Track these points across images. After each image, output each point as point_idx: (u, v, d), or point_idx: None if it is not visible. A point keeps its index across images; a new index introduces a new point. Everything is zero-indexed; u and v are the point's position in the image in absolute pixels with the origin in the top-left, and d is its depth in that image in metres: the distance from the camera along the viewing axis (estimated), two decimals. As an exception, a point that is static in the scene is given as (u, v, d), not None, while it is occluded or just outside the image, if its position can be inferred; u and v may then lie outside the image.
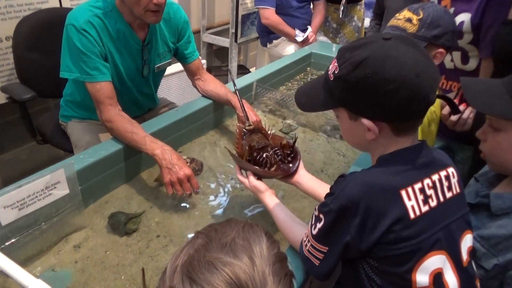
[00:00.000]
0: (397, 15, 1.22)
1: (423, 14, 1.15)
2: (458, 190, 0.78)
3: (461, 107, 1.21)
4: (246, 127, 1.14)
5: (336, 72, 0.74)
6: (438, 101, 1.22)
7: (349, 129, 0.79)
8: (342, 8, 2.75)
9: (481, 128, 0.94)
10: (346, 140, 0.84)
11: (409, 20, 1.17)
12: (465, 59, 1.46)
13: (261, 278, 0.50)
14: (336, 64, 0.75)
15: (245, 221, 0.59)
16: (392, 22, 1.21)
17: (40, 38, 1.74)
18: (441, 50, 1.18)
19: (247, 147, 1.09)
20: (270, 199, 1.00)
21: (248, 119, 1.13)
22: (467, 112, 1.22)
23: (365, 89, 0.70)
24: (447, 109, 1.26)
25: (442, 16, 1.15)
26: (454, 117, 1.24)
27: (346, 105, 0.75)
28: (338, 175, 0.78)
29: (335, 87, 0.75)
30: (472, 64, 1.45)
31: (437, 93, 0.73)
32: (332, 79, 0.75)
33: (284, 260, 0.55)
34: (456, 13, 1.41)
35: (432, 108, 1.22)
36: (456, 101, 1.22)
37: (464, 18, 1.38)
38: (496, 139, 0.89)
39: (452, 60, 1.49)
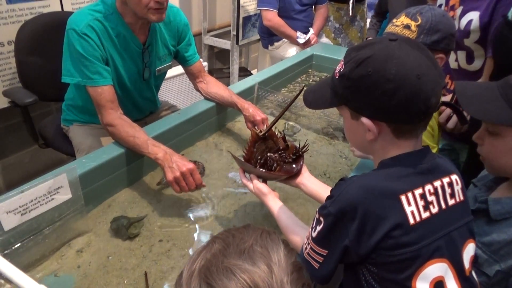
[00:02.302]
0: (394, 20, 1.19)
1: (421, 20, 1.12)
2: (461, 198, 0.77)
3: None
4: (261, 134, 1.12)
5: (341, 70, 0.75)
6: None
7: (351, 128, 0.79)
8: (351, 5, 2.76)
9: (477, 132, 0.92)
10: (349, 141, 0.84)
11: (407, 27, 1.13)
12: (469, 59, 1.44)
13: (279, 287, 0.49)
14: (342, 63, 0.75)
15: (263, 227, 0.59)
16: (390, 28, 1.18)
17: (42, 42, 1.75)
18: (441, 55, 1.16)
19: (257, 154, 1.08)
20: (273, 202, 1.00)
21: (268, 130, 1.11)
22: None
23: (365, 87, 0.70)
24: (443, 117, 1.24)
25: (441, 20, 1.12)
26: (450, 124, 1.22)
27: (348, 103, 0.76)
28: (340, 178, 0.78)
29: (339, 85, 0.75)
30: (476, 64, 1.43)
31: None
32: (337, 77, 0.76)
33: (301, 269, 0.54)
34: (464, 12, 1.39)
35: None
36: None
37: (472, 16, 1.36)
38: (493, 143, 0.87)
39: (456, 60, 1.47)
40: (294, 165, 1.06)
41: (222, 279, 0.49)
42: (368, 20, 3.00)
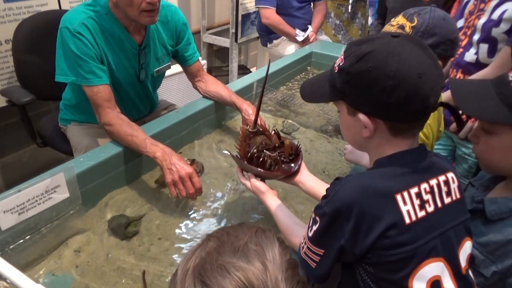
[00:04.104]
0: (392, 20, 1.15)
1: (417, 21, 1.07)
2: (458, 196, 0.76)
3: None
4: (250, 129, 1.13)
5: (340, 64, 0.74)
6: (434, 114, 1.16)
7: (347, 124, 0.78)
8: (351, 1, 2.75)
9: (473, 130, 0.91)
10: (344, 137, 0.83)
11: (401, 27, 1.09)
12: (491, 52, 1.41)
13: (273, 284, 0.49)
14: (342, 56, 0.74)
15: (258, 225, 0.58)
16: (386, 28, 1.15)
17: (40, 40, 1.74)
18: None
19: (249, 151, 1.08)
20: (272, 200, 1.00)
21: (255, 123, 1.12)
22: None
23: (364, 83, 0.69)
24: (454, 127, 1.22)
25: (439, 24, 1.06)
26: (462, 134, 1.20)
27: (346, 98, 0.75)
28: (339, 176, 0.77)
29: (338, 79, 0.74)
30: None
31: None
32: (336, 71, 0.75)
33: (296, 266, 0.54)
34: (500, 3, 1.37)
35: (428, 121, 1.15)
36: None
37: (508, 6, 1.35)
38: (488, 141, 0.86)
39: (476, 53, 1.45)
40: (292, 164, 1.06)
41: (217, 277, 0.49)
42: (369, 18, 2.99)
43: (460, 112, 0.80)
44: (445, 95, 1.30)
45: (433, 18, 1.06)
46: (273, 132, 1.13)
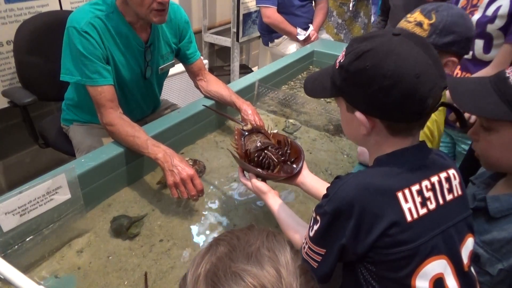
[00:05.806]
0: (408, 16, 1.13)
1: (435, 19, 1.05)
2: (459, 192, 0.76)
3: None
4: (244, 127, 1.13)
5: (341, 61, 0.73)
6: (440, 112, 1.15)
7: (346, 121, 0.78)
8: (352, 1, 2.74)
9: (472, 127, 0.91)
10: (345, 133, 0.83)
11: (419, 24, 1.07)
12: (487, 48, 1.41)
13: None
14: (344, 53, 0.74)
15: (267, 229, 0.57)
16: (402, 23, 1.13)
17: (41, 41, 1.74)
18: (453, 58, 1.08)
19: (249, 150, 1.08)
20: (273, 200, 0.99)
21: (243, 121, 1.12)
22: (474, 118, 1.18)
23: (361, 81, 0.69)
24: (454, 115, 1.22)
25: (457, 22, 1.04)
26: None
27: (344, 95, 0.74)
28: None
29: (337, 76, 0.74)
30: (493, 54, 1.41)
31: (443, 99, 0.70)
32: (337, 67, 0.74)
33: (308, 272, 0.53)
34: None
35: (433, 117, 1.13)
36: None
37: (502, 2, 1.35)
38: (488, 139, 0.86)
39: (472, 49, 1.45)
40: (294, 165, 1.05)
41: (231, 285, 0.47)
42: (372, 17, 2.97)
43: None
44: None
45: (451, 16, 1.04)
46: (271, 132, 1.13)
